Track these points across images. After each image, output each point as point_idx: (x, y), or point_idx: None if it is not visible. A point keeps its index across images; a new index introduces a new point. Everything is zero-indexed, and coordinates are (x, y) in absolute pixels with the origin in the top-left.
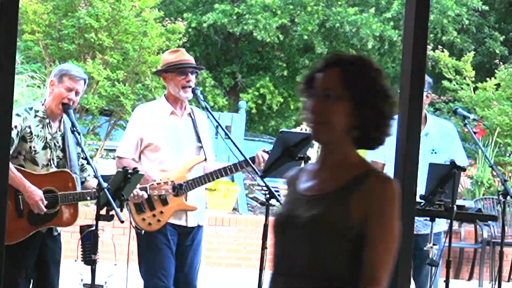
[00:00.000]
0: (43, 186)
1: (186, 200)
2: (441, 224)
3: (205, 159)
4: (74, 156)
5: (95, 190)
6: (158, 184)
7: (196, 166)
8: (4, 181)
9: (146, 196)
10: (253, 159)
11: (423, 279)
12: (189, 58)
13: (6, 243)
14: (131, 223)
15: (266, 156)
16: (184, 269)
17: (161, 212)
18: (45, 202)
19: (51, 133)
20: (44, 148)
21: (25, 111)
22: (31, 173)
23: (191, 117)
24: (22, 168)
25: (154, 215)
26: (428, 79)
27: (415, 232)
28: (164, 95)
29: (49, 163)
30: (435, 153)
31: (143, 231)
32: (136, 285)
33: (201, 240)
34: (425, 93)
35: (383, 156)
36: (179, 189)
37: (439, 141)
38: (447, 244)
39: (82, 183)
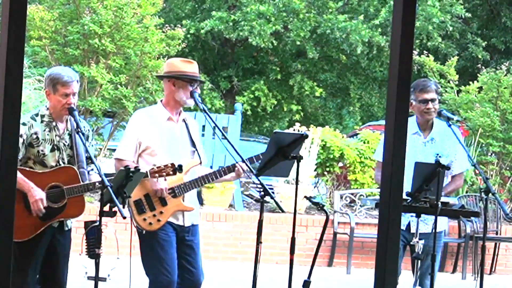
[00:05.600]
0: (48, 182)
1: (184, 201)
2: (442, 224)
3: (200, 162)
4: (82, 152)
5: (98, 182)
6: (158, 167)
7: (191, 169)
8: (12, 182)
9: (167, 186)
10: (233, 166)
11: (423, 272)
12: (198, 72)
13: (20, 239)
14: (132, 222)
15: (245, 166)
16: (192, 268)
17: (161, 212)
18: (45, 203)
19: (58, 134)
20: (52, 150)
21: (31, 118)
22: (36, 172)
23: (185, 122)
24: (27, 169)
25: (154, 215)
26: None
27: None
28: (161, 101)
29: (58, 164)
30: (440, 157)
31: (144, 231)
32: (138, 277)
33: (199, 239)
34: (436, 103)
35: None
36: (179, 170)
37: (444, 146)
38: (448, 240)
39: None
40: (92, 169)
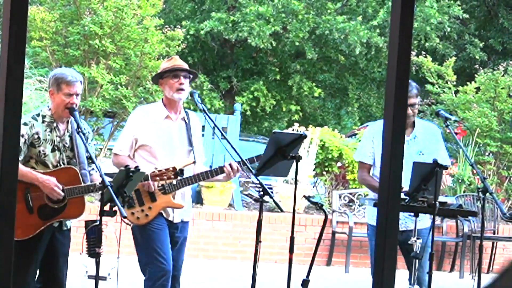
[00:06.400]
0: None
1: (173, 199)
2: (426, 221)
3: (194, 162)
4: (83, 153)
5: (99, 183)
6: (159, 171)
7: (186, 167)
8: (13, 181)
9: (153, 184)
10: (221, 168)
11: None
12: (181, 64)
13: (20, 238)
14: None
15: (234, 165)
16: (173, 262)
17: (149, 207)
18: (61, 187)
19: (59, 135)
20: (53, 150)
21: (32, 118)
22: (38, 172)
23: (185, 121)
24: (29, 168)
25: (142, 210)
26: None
27: (405, 228)
28: (162, 100)
29: (59, 164)
30: (422, 154)
31: (132, 225)
32: (137, 276)
33: (187, 236)
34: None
35: (370, 158)
36: (180, 174)
37: (426, 143)
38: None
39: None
40: (92, 169)
